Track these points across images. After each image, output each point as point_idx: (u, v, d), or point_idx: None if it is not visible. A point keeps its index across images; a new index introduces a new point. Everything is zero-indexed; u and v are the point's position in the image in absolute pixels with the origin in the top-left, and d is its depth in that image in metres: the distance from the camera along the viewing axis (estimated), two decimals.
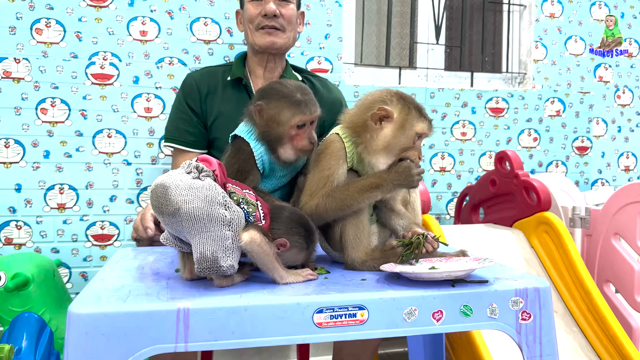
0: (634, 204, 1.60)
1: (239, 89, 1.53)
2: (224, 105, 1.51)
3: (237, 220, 0.82)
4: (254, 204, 0.87)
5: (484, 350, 1.33)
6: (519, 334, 0.86)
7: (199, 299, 0.76)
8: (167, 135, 1.55)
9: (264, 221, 0.86)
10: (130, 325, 0.71)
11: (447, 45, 2.29)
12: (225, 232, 0.80)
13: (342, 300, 0.78)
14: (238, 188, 0.88)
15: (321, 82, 1.61)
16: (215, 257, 0.79)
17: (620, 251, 1.64)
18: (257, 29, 1.49)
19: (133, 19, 1.84)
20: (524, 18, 2.32)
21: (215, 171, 0.84)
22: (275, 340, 0.75)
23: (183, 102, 1.53)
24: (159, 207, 0.80)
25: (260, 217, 0.86)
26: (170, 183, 0.80)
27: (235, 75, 1.52)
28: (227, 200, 0.82)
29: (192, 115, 1.52)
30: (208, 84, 1.53)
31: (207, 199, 0.79)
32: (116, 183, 1.84)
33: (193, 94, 1.53)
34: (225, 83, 1.53)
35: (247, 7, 1.49)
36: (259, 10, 1.47)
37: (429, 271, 0.85)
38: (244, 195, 0.87)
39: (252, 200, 0.87)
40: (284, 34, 1.50)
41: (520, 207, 1.78)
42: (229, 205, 0.82)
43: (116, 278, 0.89)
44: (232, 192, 0.86)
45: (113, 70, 1.83)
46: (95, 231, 1.82)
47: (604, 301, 1.50)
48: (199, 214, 0.79)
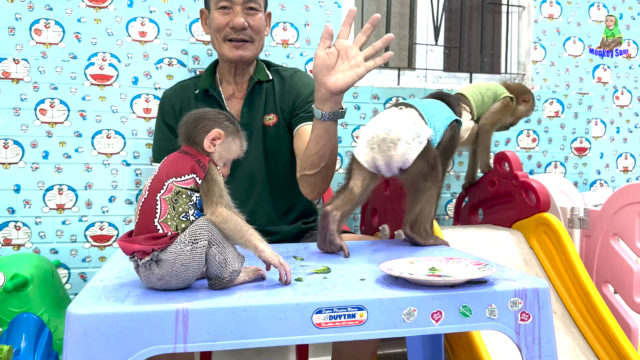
0: (633, 204, 1.60)
1: (209, 100, 1.51)
2: None
3: (209, 232, 0.81)
4: (192, 188, 0.83)
5: (483, 351, 1.33)
6: (518, 335, 0.86)
7: (198, 299, 0.76)
8: (154, 155, 1.58)
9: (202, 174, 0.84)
10: (129, 326, 0.71)
11: (446, 46, 2.30)
12: (211, 252, 0.81)
13: (341, 301, 0.78)
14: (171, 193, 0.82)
15: (289, 72, 1.57)
16: (217, 276, 0.82)
17: (619, 252, 1.64)
18: (225, 40, 1.44)
19: (132, 20, 1.84)
20: (522, 19, 2.33)
21: (147, 251, 0.80)
22: (274, 341, 0.75)
23: (162, 122, 1.54)
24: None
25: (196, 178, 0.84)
26: (162, 285, 0.82)
27: (202, 87, 1.51)
28: (189, 238, 0.80)
29: (172, 134, 1.51)
30: (181, 99, 1.53)
31: (183, 268, 0.80)
32: (115, 184, 1.84)
33: (169, 112, 1.53)
34: (196, 96, 1.52)
35: (214, 15, 1.44)
36: (226, 21, 1.43)
37: (427, 278, 0.85)
38: (179, 190, 0.82)
39: (187, 185, 0.82)
40: (253, 44, 1.46)
41: (519, 208, 1.78)
42: (194, 236, 0.80)
43: (115, 279, 0.89)
44: (174, 219, 0.81)
45: (112, 71, 1.83)
46: (94, 232, 1.82)
47: (602, 302, 1.50)
48: (196, 274, 0.83)
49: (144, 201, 0.82)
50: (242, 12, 1.43)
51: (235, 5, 1.42)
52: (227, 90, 1.53)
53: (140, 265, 0.81)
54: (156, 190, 0.82)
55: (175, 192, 0.82)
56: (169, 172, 0.83)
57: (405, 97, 2.12)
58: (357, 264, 1.02)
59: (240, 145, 0.92)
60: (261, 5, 1.47)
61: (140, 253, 0.80)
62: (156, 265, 0.80)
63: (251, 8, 1.44)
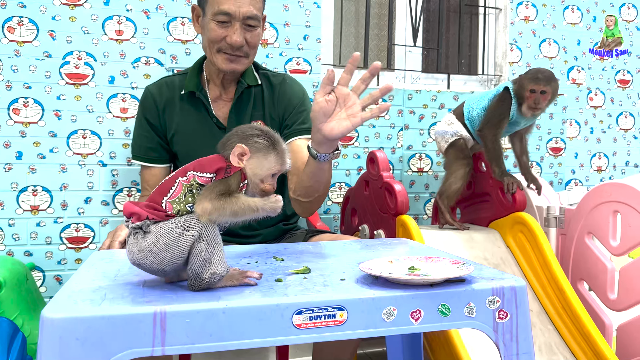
0: (607, 203, 1.63)
1: (196, 101, 1.48)
2: (181, 119, 1.48)
3: (204, 226, 0.81)
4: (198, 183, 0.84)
5: (461, 350, 1.34)
6: (496, 333, 0.87)
7: (176, 302, 0.75)
8: (133, 152, 1.55)
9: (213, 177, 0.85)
10: (106, 329, 0.70)
11: (424, 48, 2.32)
12: (198, 247, 0.81)
13: (321, 301, 0.78)
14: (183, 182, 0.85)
15: (277, 78, 1.54)
16: (197, 274, 0.81)
17: (594, 250, 1.67)
18: (219, 51, 1.39)
19: (108, 18, 1.81)
20: (499, 21, 2.36)
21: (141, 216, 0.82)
22: (254, 343, 0.75)
23: (143, 119, 1.51)
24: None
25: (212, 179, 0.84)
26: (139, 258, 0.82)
27: (188, 88, 1.47)
28: (182, 223, 0.81)
29: (153, 132, 1.49)
30: (165, 97, 1.49)
31: (165, 246, 0.81)
32: (91, 185, 1.81)
33: (151, 109, 1.50)
34: (182, 95, 1.49)
35: (211, 25, 1.36)
36: (223, 35, 1.37)
37: (406, 277, 0.86)
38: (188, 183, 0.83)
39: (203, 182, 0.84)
40: (247, 59, 1.42)
41: (496, 207, 1.80)
42: (188, 224, 0.81)
43: (91, 281, 0.88)
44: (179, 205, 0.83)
45: (88, 70, 1.80)
46: (70, 233, 1.79)
47: (577, 299, 1.52)
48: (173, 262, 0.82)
49: (165, 181, 0.85)
50: (241, 28, 1.37)
51: (235, 21, 1.36)
52: (214, 92, 1.49)
53: (130, 230, 0.83)
54: (179, 175, 0.84)
55: (190, 184, 0.83)
56: (196, 166, 0.86)
57: (385, 98, 2.12)
58: (337, 264, 1.02)
59: (277, 161, 0.89)
60: (260, 19, 1.41)
61: (136, 217, 0.81)
62: (142, 236, 0.81)
63: (250, 25, 1.38)
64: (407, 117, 2.17)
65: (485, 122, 1.79)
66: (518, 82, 1.76)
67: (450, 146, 1.88)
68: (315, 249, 1.18)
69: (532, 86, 1.72)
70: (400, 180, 2.15)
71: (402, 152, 2.17)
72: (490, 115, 1.78)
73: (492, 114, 1.77)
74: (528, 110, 1.74)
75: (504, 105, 1.76)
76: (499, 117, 1.76)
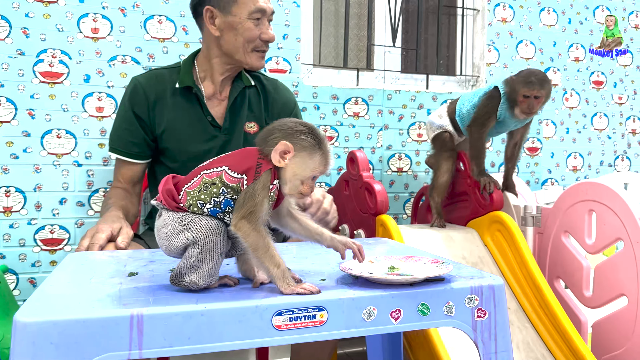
0: (582, 202, 1.66)
1: (189, 97, 1.46)
2: (174, 115, 1.45)
3: (203, 234, 0.80)
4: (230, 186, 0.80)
5: (440, 349, 1.35)
6: (475, 331, 0.87)
7: (154, 304, 0.74)
8: (111, 144, 1.49)
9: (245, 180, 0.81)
10: (81, 333, 0.68)
11: (404, 48, 2.33)
12: (190, 251, 0.80)
13: (301, 302, 0.77)
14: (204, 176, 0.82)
15: (271, 83, 1.57)
16: (180, 273, 0.81)
17: (570, 248, 1.70)
18: (253, 50, 1.42)
19: (84, 16, 1.78)
20: (477, 22, 2.38)
21: (158, 197, 0.84)
22: (233, 345, 0.74)
23: (129, 111, 1.45)
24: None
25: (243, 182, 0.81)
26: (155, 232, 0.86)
27: (184, 83, 1.45)
28: (185, 221, 0.80)
29: (139, 126, 1.45)
30: (156, 90, 1.45)
31: (167, 235, 0.82)
32: (66, 185, 1.77)
33: (141, 102, 1.45)
34: (174, 90, 1.46)
35: (248, 25, 1.39)
36: (259, 32, 1.41)
37: (386, 277, 0.86)
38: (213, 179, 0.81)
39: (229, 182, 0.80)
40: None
41: (473, 207, 1.82)
42: (190, 226, 0.80)
43: (66, 284, 0.86)
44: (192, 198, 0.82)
45: (63, 68, 1.76)
46: (45, 235, 1.75)
47: (554, 297, 1.55)
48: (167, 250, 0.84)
49: (196, 169, 0.85)
50: (268, 23, 1.43)
51: (264, 18, 1.42)
52: (208, 89, 1.48)
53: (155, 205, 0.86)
54: (205, 168, 0.83)
55: (212, 182, 0.81)
56: (230, 161, 0.83)
57: (365, 98, 2.13)
58: (318, 264, 1.01)
59: (322, 162, 0.83)
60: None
61: (159, 196, 0.84)
62: (159, 216, 0.85)
63: (270, 21, 1.45)
64: (386, 117, 2.17)
65: (473, 120, 1.80)
66: (510, 85, 1.72)
67: (436, 138, 1.90)
68: (295, 250, 1.17)
69: (525, 91, 1.68)
70: (380, 180, 2.16)
71: (381, 152, 2.17)
72: (478, 113, 1.79)
73: (479, 112, 1.78)
74: (521, 113, 1.72)
75: (492, 104, 1.76)
76: (486, 116, 1.77)
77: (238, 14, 1.39)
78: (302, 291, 0.79)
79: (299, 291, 0.79)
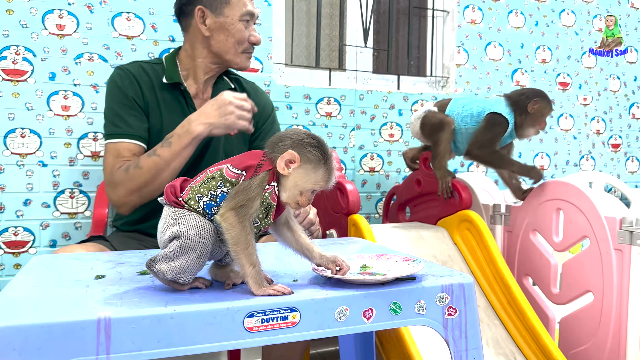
0: (550, 201, 1.70)
1: (175, 94, 1.45)
2: (160, 110, 1.43)
3: (187, 231, 0.79)
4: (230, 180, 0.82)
5: (412, 347, 1.36)
6: (446, 329, 0.88)
7: (121, 307, 0.72)
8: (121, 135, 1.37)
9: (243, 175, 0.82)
10: (46, 338, 0.66)
11: (375, 49, 2.34)
12: (172, 243, 0.80)
13: (273, 303, 0.77)
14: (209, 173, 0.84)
15: (251, 86, 1.59)
16: (155, 258, 0.81)
17: (538, 246, 1.73)
18: (243, 52, 1.47)
19: (49, 12, 1.73)
20: (447, 24, 2.41)
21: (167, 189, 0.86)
22: (204, 348, 0.73)
23: (124, 97, 1.39)
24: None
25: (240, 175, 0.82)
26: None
27: (172, 79, 1.44)
28: (177, 216, 0.81)
29: (139, 108, 1.41)
30: (145, 81, 1.43)
31: (161, 228, 0.83)
32: (31, 186, 1.72)
33: (134, 87, 1.41)
34: (162, 85, 1.44)
35: (240, 26, 1.44)
36: (248, 34, 1.46)
37: (358, 277, 0.86)
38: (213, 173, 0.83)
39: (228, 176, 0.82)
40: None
41: (443, 206, 1.84)
42: (180, 221, 0.81)
43: (30, 288, 0.83)
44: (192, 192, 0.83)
45: (27, 66, 1.71)
46: (8, 237, 1.70)
47: (522, 294, 1.57)
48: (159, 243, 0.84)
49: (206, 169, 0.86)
50: (253, 27, 1.49)
51: (252, 21, 1.48)
52: (191, 88, 1.47)
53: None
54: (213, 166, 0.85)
55: (213, 175, 0.83)
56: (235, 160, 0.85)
57: (337, 98, 2.13)
58: (290, 265, 1.01)
59: (324, 178, 0.84)
60: None
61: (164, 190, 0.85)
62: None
63: (255, 24, 1.51)
64: (358, 117, 2.18)
65: (479, 145, 1.75)
66: (536, 108, 1.72)
67: (422, 124, 1.85)
68: (267, 250, 1.17)
69: (549, 111, 1.75)
70: (352, 179, 2.16)
71: (354, 151, 2.18)
72: (483, 138, 1.74)
73: (484, 137, 1.74)
74: (536, 132, 1.77)
75: (500, 130, 1.74)
76: (494, 139, 1.74)
77: (230, 15, 1.42)
78: (274, 293, 0.79)
79: (270, 293, 0.79)
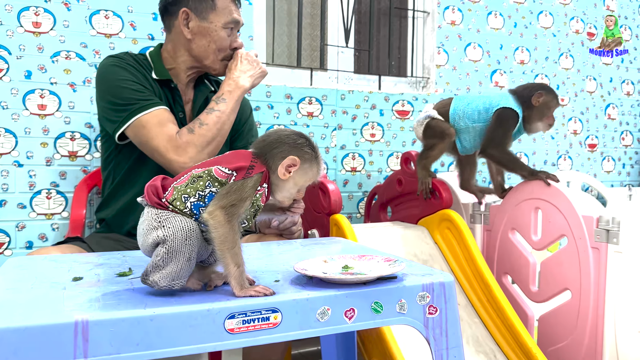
0: (528, 200, 1.72)
1: (165, 90, 1.45)
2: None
3: (172, 235, 0.78)
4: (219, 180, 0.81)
5: (393, 346, 1.37)
6: (427, 328, 0.89)
7: (99, 309, 0.71)
8: (152, 102, 1.35)
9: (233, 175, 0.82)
10: (21, 342, 0.65)
11: (356, 49, 2.34)
12: (158, 250, 0.79)
13: (254, 304, 0.76)
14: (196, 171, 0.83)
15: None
16: (147, 271, 0.79)
17: (517, 245, 1.75)
18: (223, 59, 1.46)
19: (25, 9, 1.70)
20: (427, 24, 2.43)
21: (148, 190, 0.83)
22: (184, 350, 0.72)
23: (130, 75, 1.37)
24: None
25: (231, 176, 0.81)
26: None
27: (163, 76, 1.44)
28: (161, 219, 0.79)
29: (147, 82, 1.40)
30: (141, 71, 1.42)
31: (143, 231, 0.81)
32: (6, 186, 1.69)
33: (135, 66, 1.41)
34: (152, 80, 1.43)
35: (222, 34, 1.43)
36: (229, 42, 1.45)
37: (340, 277, 0.86)
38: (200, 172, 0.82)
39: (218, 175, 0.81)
40: None
41: (424, 205, 1.85)
42: (164, 224, 0.79)
43: (5, 290, 0.82)
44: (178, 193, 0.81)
45: (2, 64, 1.68)
46: None
47: (501, 292, 1.59)
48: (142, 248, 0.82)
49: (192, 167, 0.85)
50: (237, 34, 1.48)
51: (236, 28, 1.47)
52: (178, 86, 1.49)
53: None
54: (196, 167, 0.83)
55: (200, 175, 0.81)
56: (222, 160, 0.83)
57: (318, 97, 2.13)
58: (271, 265, 1.00)
59: (317, 172, 0.88)
60: None
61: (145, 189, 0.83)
62: (142, 214, 0.83)
63: (238, 32, 1.51)
64: (340, 117, 2.18)
65: (493, 143, 1.73)
66: (541, 101, 1.71)
67: (426, 128, 1.84)
68: (249, 251, 1.16)
69: (556, 104, 1.73)
70: (334, 179, 2.17)
71: (335, 151, 2.18)
72: (495, 134, 1.73)
73: (496, 134, 1.73)
74: (545, 127, 1.75)
75: (511, 124, 1.73)
76: (507, 134, 1.73)
77: (215, 22, 1.42)
78: (255, 294, 0.79)
79: (252, 294, 0.79)
